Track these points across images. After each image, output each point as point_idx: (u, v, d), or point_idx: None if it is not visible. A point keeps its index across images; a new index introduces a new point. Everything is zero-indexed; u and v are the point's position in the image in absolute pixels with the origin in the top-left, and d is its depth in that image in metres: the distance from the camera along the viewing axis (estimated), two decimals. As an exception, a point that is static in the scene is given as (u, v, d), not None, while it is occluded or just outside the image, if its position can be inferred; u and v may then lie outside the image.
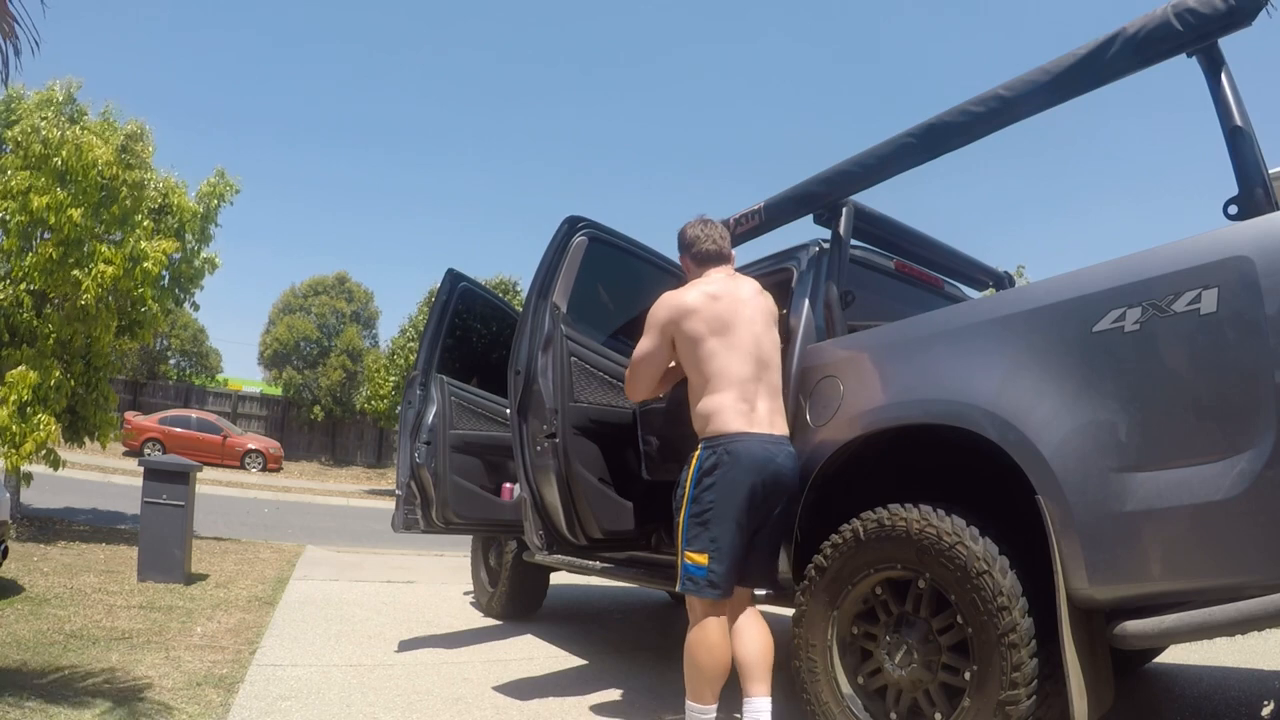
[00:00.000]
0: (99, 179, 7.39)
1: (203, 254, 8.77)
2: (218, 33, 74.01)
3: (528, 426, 3.55)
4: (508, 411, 4.90)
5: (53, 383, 7.35)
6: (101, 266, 7.36)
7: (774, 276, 3.75)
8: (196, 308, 9.17)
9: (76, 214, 7.20)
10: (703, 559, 2.78)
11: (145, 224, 7.88)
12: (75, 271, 7.36)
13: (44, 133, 7.32)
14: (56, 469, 8.07)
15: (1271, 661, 4.69)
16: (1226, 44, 2.48)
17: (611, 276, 4.04)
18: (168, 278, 8.40)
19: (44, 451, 7.54)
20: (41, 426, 7.15)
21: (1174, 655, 4.55)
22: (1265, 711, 3.76)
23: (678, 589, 2.87)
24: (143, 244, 7.58)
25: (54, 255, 7.28)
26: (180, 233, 8.41)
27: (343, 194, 73.91)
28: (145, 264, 7.51)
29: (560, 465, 3.45)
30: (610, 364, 3.79)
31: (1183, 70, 2.54)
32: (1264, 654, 4.85)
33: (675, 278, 3.70)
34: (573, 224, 3.81)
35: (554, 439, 3.45)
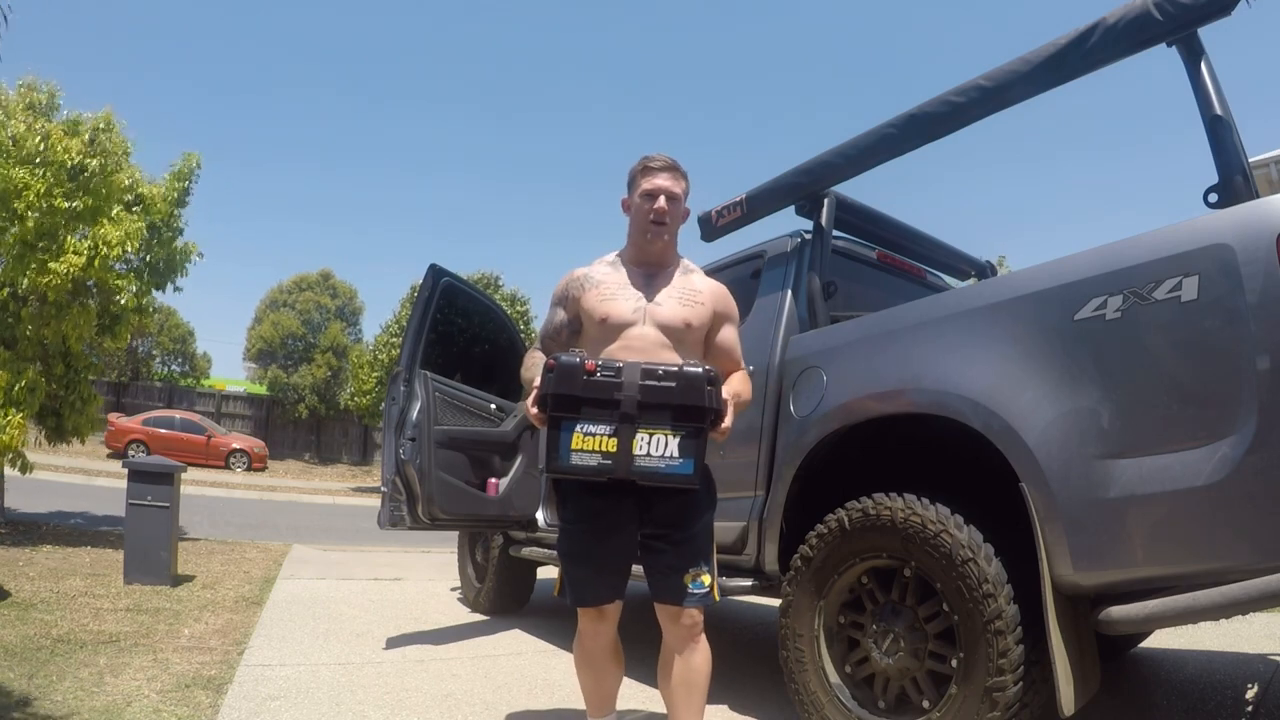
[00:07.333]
0: (68, 161, 7.30)
1: (177, 243, 8.62)
2: (211, 41, 73.67)
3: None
4: (492, 406, 4.93)
5: (25, 383, 7.24)
6: (71, 258, 7.28)
7: None
8: (179, 289, 9.00)
9: (40, 185, 7.08)
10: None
11: (118, 214, 7.77)
12: (51, 264, 7.28)
13: (11, 129, 7.21)
14: (24, 472, 7.92)
15: (1256, 645, 4.74)
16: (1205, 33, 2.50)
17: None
18: (137, 263, 8.28)
19: (12, 455, 7.44)
20: (9, 427, 7.06)
21: (1159, 640, 4.59)
22: (1250, 694, 3.79)
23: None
24: (104, 228, 7.49)
25: (28, 238, 7.19)
26: (154, 225, 8.29)
27: (330, 198, 73.98)
28: (104, 249, 7.41)
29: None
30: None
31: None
32: (1248, 637, 4.90)
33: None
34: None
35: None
